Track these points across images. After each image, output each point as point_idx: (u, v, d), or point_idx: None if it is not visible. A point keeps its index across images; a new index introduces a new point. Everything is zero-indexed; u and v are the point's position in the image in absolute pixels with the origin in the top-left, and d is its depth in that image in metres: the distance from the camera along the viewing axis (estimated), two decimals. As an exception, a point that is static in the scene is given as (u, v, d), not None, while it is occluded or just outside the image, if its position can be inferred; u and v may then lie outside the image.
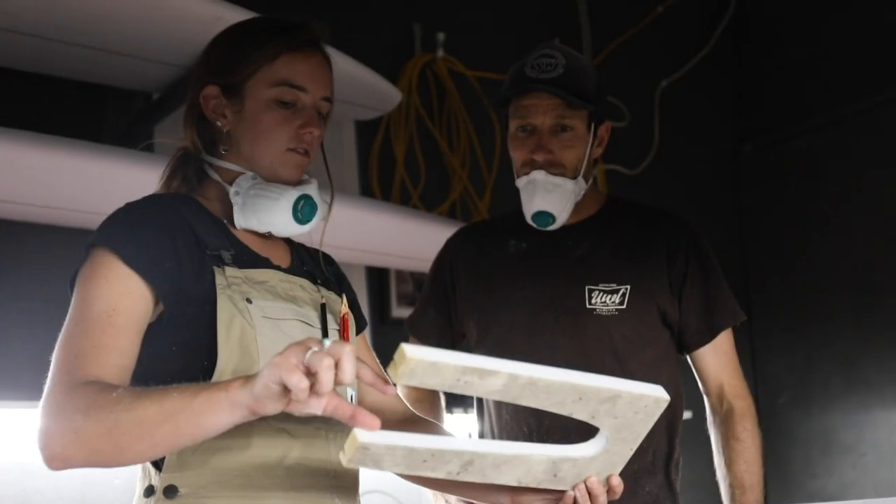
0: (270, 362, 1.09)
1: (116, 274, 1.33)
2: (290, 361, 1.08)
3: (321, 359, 1.07)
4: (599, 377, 1.23)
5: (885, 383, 3.62)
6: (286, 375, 1.07)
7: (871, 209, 3.73)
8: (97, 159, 2.19)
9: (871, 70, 3.76)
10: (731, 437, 2.03)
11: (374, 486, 2.73)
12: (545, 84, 1.96)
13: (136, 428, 1.17)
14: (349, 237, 2.70)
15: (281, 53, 1.46)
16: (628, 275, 1.99)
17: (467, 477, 1.22)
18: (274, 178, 1.47)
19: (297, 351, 1.09)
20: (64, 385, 1.24)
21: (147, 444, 1.18)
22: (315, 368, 1.07)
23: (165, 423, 1.16)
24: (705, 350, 2.05)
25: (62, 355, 1.28)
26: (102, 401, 1.19)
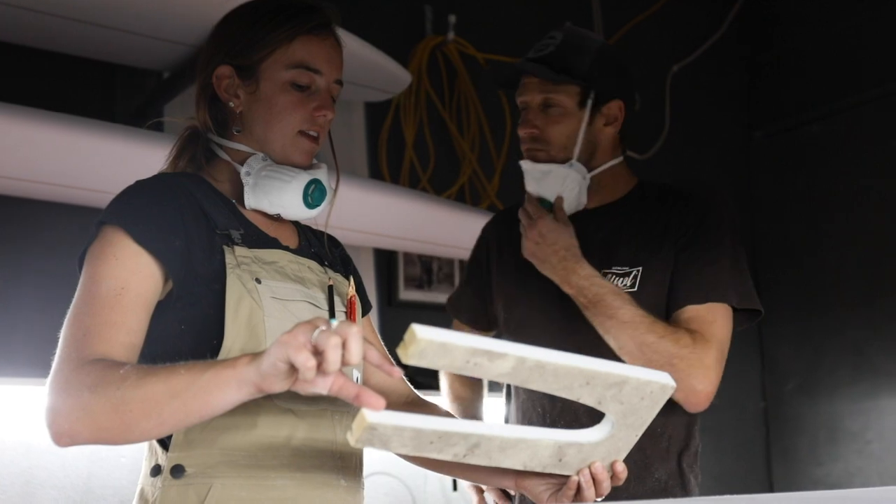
0: (278, 340, 1.10)
1: (126, 252, 1.34)
2: (297, 340, 1.08)
3: (329, 338, 1.07)
4: (607, 362, 1.23)
5: (893, 371, 3.62)
6: (293, 354, 1.08)
7: (882, 198, 3.72)
8: (108, 138, 2.19)
9: (883, 57, 3.74)
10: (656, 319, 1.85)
11: (380, 468, 2.75)
12: (532, 63, 1.96)
13: (144, 405, 1.17)
14: (358, 219, 2.70)
15: (297, 36, 1.46)
16: (641, 257, 1.95)
17: (473, 460, 1.22)
18: (284, 161, 1.48)
19: (305, 330, 1.09)
20: (72, 362, 1.24)
21: (154, 422, 1.19)
22: (322, 347, 1.07)
23: (173, 401, 1.17)
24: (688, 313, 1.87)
25: (70, 332, 1.29)
26: (110, 378, 1.19)
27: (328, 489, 1.39)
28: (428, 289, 3.23)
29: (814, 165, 3.99)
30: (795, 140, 4.07)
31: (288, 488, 1.34)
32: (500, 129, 3.47)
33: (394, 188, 2.92)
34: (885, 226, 3.69)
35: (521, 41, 3.57)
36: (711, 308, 1.86)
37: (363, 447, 1.20)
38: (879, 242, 3.70)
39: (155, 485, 1.33)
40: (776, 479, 3.97)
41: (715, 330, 1.84)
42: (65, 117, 2.13)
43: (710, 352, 1.81)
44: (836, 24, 3.94)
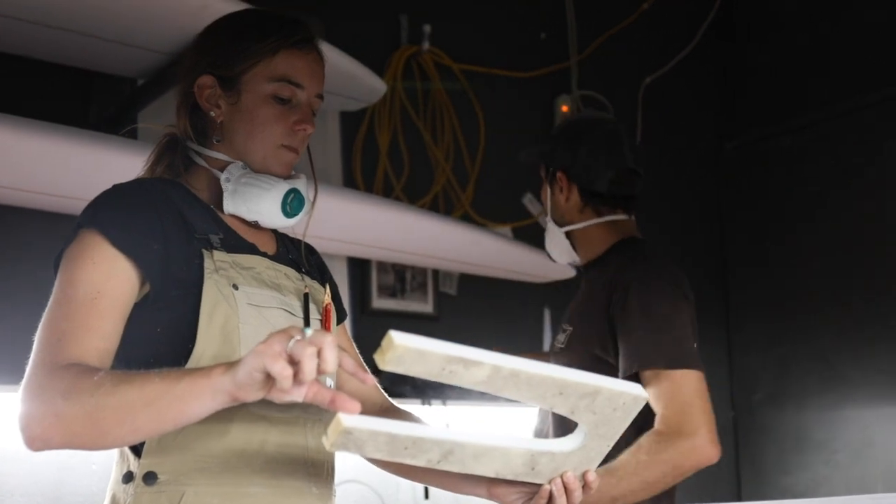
0: (254, 350, 1.10)
1: (103, 255, 1.34)
2: (273, 349, 1.09)
3: (304, 348, 1.08)
4: (581, 372, 1.24)
5: (860, 382, 3.66)
6: (270, 363, 1.08)
7: (849, 209, 3.77)
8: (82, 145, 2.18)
9: (853, 72, 3.79)
10: (632, 449, 1.98)
11: (351, 475, 2.75)
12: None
13: (117, 412, 1.17)
14: (332, 227, 2.70)
15: (281, 49, 1.47)
16: (576, 317, 2.24)
17: (447, 466, 1.23)
18: (264, 172, 1.48)
19: (280, 339, 1.10)
20: (45, 367, 1.24)
21: (128, 429, 1.19)
22: (298, 357, 1.08)
23: (147, 409, 1.17)
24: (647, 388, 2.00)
25: (45, 337, 1.29)
26: (83, 384, 1.19)
27: (300, 497, 1.39)
28: (401, 297, 3.24)
29: (783, 177, 4.04)
30: (766, 152, 4.12)
31: (260, 496, 1.35)
32: (475, 138, 3.49)
33: (368, 196, 2.93)
34: (852, 237, 3.74)
35: (495, 52, 3.61)
36: (656, 375, 2.01)
37: (338, 451, 1.20)
38: (846, 254, 3.75)
39: (127, 491, 1.33)
40: (744, 488, 4.01)
41: (667, 399, 1.98)
42: (38, 124, 2.11)
43: (678, 426, 1.96)
44: (805, 38, 4.00)
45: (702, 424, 1.97)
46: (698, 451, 1.96)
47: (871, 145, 3.71)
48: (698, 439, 1.95)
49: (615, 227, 2.26)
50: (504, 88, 3.60)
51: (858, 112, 3.76)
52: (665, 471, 1.95)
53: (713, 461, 1.99)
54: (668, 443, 1.95)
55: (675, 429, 1.96)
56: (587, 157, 2.24)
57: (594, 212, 2.27)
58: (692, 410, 1.97)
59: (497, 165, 3.54)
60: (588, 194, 2.25)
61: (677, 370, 2.00)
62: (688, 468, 1.97)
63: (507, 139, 3.60)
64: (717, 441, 1.98)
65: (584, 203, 2.26)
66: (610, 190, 2.24)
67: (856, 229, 3.73)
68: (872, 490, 3.51)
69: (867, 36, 3.76)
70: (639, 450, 1.96)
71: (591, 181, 2.23)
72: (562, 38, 3.80)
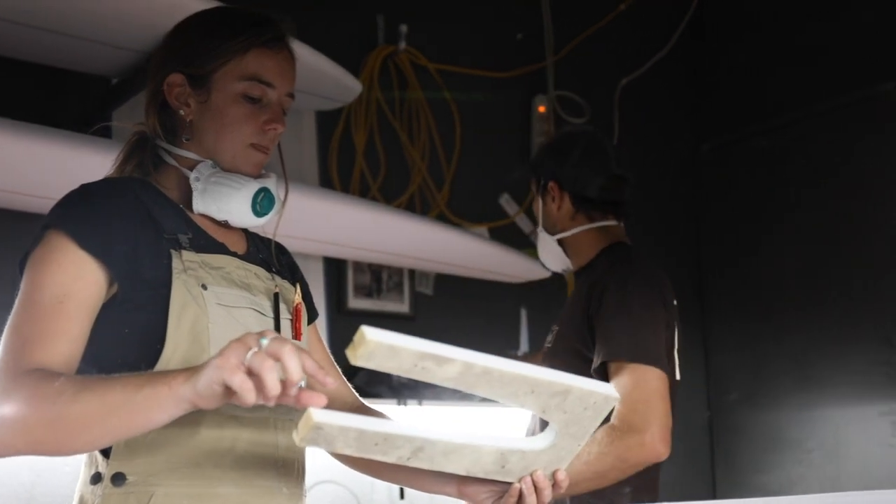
0: (211, 363, 1.10)
1: (70, 258, 1.33)
2: (230, 362, 1.08)
3: (262, 361, 1.08)
4: (553, 371, 1.25)
5: (833, 381, 3.69)
6: (228, 377, 1.08)
7: (822, 211, 3.79)
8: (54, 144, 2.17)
9: (827, 74, 3.82)
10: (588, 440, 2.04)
11: (327, 476, 2.74)
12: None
13: (79, 421, 1.17)
14: (308, 227, 2.70)
15: (251, 48, 1.46)
16: (563, 317, 2.34)
17: (417, 463, 1.24)
18: (234, 171, 1.48)
19: (236, 351, 1.09)
20: (10, 373, 1.24)
21: (90, 437, 1.19)
22: (257, 371, 1.08)
23: (108, 417, 1.16)
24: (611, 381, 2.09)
25: (10, 341, 1.28)
26: (45, 391, 1.19)
27: (270, 497, 1.39)
28: (377, 297, 3.24)
29: (759, 178, 4.06)
30: (741, 153, 4.15)
31: (230, 496, 1.34)
32: (451, 138, 3.49)
33: (344, 196, 2.92)
34: (826, 238, 3.76)
35: (472, 52, 3.61)
36: (628, 372, 2.08)
37: (308, 446, 1.20)
38: (820, 255, 3.78)
39: (95, 492, 1.32)
40: (719, 486, 4.03)
41: (625, 394, 2.03)
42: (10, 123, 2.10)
43: (630, 422, 2.03)
44: (780, 40, 4.02)
45: (653, 422, 2.03)
46: (646, 448, 2.02)
47: (845, 146, 3.74)
48: (647, 436, 2.01)
49: (605, 233, 2.36)
50: (480, 88, 3.60)
51: (832, 113, 3.78)
52: (612, 463, 2.02)
53: (661, 459, 2.05)
54: (616, 437, 2.02)
55: (626, 424, 2.03)
56: (577, 166, 2.36)
57: (586, 217, 2.37)
58: (645, 408, 2.04)
59: (473, 166, 3.54)
60: (580, 201, 2.35)
61: (639, 365, 2.07)
62: (633, 463, 2.03)
63: (484, 140, 3.60)
64: (668, 439, 2.04)
65: (575, 210, 2.36)
66: (600, 195, 2.35)
67: (829, 230, 3.76)
68: (846, 488, 3.54)
69: (841, 38, 3.79)
70: (592, 441, 2.03)
71: (583, 187, 2.34)
72: (538, 38, 3.80)
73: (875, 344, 3.55)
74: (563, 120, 3.81)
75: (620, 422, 2.04)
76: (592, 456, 2.03)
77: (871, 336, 3.57)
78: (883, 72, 3.62)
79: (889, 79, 3.59)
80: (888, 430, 3.50)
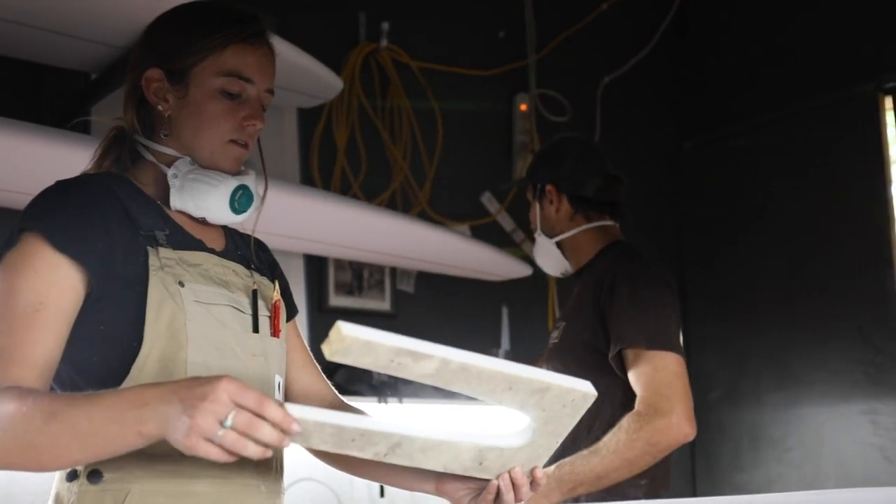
0: (182, 426, 1.10)
1: (46, 262, 1.31)
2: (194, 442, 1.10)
3: (236, 441, 1.10)
4: (531, 369, 1.25)
5: (813, 380, 3.71)
6: (195, 452, 1.11)
7: (801, 210, 3.81)
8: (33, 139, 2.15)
9: (806, 75, 3.84)
10: (613, 430, 2.12)
11: (306, 473, 2.74)
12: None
13: (51, 450, 1.18)
14: (289, 225, 2.69)
15: (230, 43, 1.44)
16: (569, 313, 2.40)
17: (394, 459, 1.23)
18: (212, 167, 1.46)
19: (207, 427, 1.10)
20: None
21: (63, 462, 1.23)
22: (236, 450, 1.10)
23: (80, 447, 1.18)
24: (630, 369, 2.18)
25: None
26: (16, 416, 1.19)
27: (247, 494, 1.38)
28: (359, 295, 3.23)
29: (739, 176, 4.08)
30: (723, 151, 4.16)
31: (207, 494, 1.33)
32: (432, 136, 3.48)
33: (325, 194, 2.92)
34: (806, 237, 3.79)
35: (454, 50, 3.61)
36: (644, 358, 2.15)
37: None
38: (799, 253, 3.80)
39: (71, 490, 1.31)
40: (699, 485, 4.05)
41: (646, 380, 2.13)
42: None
43: (655, 406, 2.09)
44: (760, 41, 4.04)
45: (677, 403, 2.09)
46: (674, 429, 2.08)
47: (824, 146, 3.76)
48: (673, 417, 2.08)
49: (603, 233, 2.43)
50: (462, 87, 3.60)
51: (811, 113, 3.81)
52: (643, 448, 2.08)
53: (689, 439, 2.12)
54: (644, 422, 2.08)
55: (652, 408, 2.09)
56: (573, 168, 2.44)
57: (584, 218, 2.44)
58: (669, 391, 2.11)
59: (455, 164, 3.54)
60: (577, 201, 2.43)
61: (657, 351, 2.14)
62: (664, 446, 2.09)
63: (466, 138, 3.60)
64: (693, 420, 2.12)
65: (574, 210, 2.44)
66: (597, 195, 2.43)
67: (809, 229, 3.78)
68: (825, 487, 3.56)
69: (819, 39, 3.81)
70: (619, 430, 2.10)
71: (580, 188, 2.42)
72: (520, 36, 3.81)
73: (854, 343, 3.58)
74: (545, 118, 3.81)
75: (646, 407, 2.10)
76: (621, 444, 2.08)
77: (850, 335, 3.59)
78: (861, 73, 3.64)
79: (867, 80, 3.61)
80: (868, 428, 3.53)
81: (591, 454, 2.09)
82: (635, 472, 2.11)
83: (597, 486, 2.11)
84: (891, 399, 3.47)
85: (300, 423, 1.12)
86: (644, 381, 2.12)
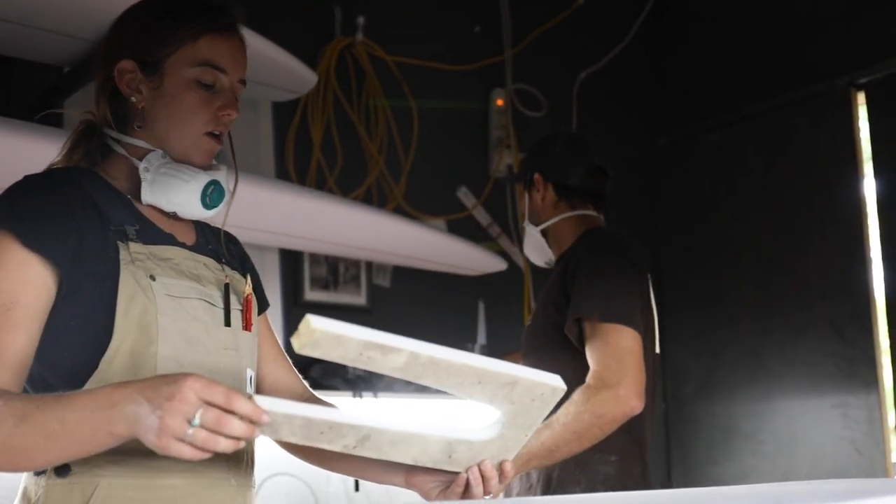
0: (152, 427, 1.11)
1: (15, 261, 1.30)
2: (165, 443, 1.10)
3: (207, 439, 1.10)
4: (500, 363, 1.25)
5: (786, 374, 3.74)
6: (170, 450, 1.11)
7: (774, 204, 3.84)
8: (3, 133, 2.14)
9: (779, 71, 3.87)
10: (565, 403, 2.13)
11: (282, 468, 2.74)
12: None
13: (24, 451, 1.19)
14: (264, 219, 2.69)
15: (203, 34, 1.44)
16: (543, 295, 2.43)
17: (364, 452, 1.24)
18: (184, 160, 1.46)
19: (176, 427, 1.10)
20: None
21: (38, 463, 1.23)
22: (207, 447, 1.11)
23: (53, 448, 1.18)
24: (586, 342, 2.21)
25: None
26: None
27: (218, 488, 1.38)
28: (334, 289, 3.24)
29: (713, 171, 4.11)
30: (697, 147, 4.19)
31: (177, 487, 1.33)
32: (408, 131, 3.49)
33: (300, 188, 2.92)
34: (778, 232, 3.82)
35: (429, 44, 3.61)
36: (598, 329, 2.18)
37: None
38: (773, 247, 3.83)
39: (39, 483, 1.31)
40: (675, 478, 4.07)
41: (599, 353, 2.15)
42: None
43: (603, 378, 2.12)
44: (734, 36, 4.07)
45: (625, 376, 2.10)
46: (620, 401, 2.09)
47: (796, 141, 3.79)
48: (621, 390, 2.09)
49: (584, 221, 2.47)
50: (438, 81, 3.60)
51: (783, 109, 3.83)
52: (590, 421, 2.09)
53: (635, 412, 2.11)
54: (591, 394, 2.10)
55: (601, 381, 2.11)
56: (560, 157, 2.51)
57: (567, 206, 2.49)
58: (618, 364, 2.12)
59: (431, 159, 3.54)
60: (562, 189, 2.48)
61: (611, 324, 2.16)
62: (610, 418, 2.09)
63: (442, 133, 3.61)
64: (641, 394, 2.11)
65: (558, 198, 2.49)
66: (581, 184, 2.48)
67: (781, 223, 3.81)
68: (797, 479, 3.59)
69: (795, 34, 3.84)
70: (569, 403, 2.11)
71: (565, 176, 2.48)
72: (496, 31, 3.81)
73: (827, 335, 3.61)
74: (521, 113, 3.82)
75: (595, 380, 2.12)
76: (570, 417, 2.09)
77: (823, 329, 3.62)
78: (834, 68, 3.67)
79: (840, 75, 3.64)
80: (839, 422, 3.56)
81: (543, 428, 2.10)
82: (585, 446, 2.12)
83: (550, 459, 2.13)
84: (861, 392, 3.50)
85: (269, 416, 1.12)
86: (596, 355, 2.15)
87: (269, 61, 2.55)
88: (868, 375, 3.49)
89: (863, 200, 3.58)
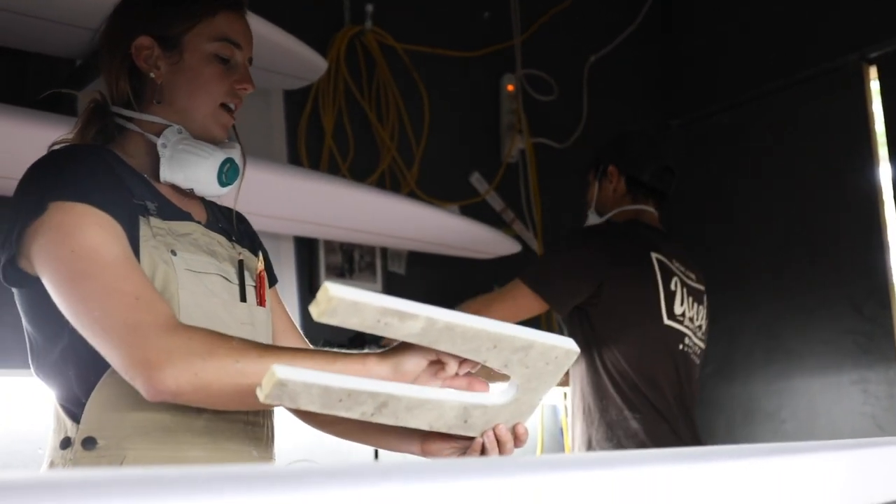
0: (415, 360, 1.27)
1: (100, 220, 1.29)
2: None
3: None
4: (515, 326, 1.26)
5: (805, 352, 3.73)
6: None
7: (788, 183, 3.83)
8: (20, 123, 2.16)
9: (789, 49, 3.86)
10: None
11: (303, 454, 2.75)
12: None
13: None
14: (278, 206, 2.70)
15: (220, 10, 1.49)
16: None
17: (381, 419, 1.25)
18: (202, 134, 1.48)
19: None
20: (156, 327, 1.23)
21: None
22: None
23: None
24: None
25: (113, 303, 1.24)
26: (221, 349, 1.22)
27: (240, 460, 1.40)
28: (349, 277, 3.25)
29: (726, 153, 4.10)
30: (709, 128, 4.18)
31: (200, 459, 1.35)
32: (419, 117, 3.50)
33: (314, 174, 2.93)
34: (792, 211, 3.81)
35: (439, 31, 3.62)
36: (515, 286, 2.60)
37: (272, 403, 1.21)
38: (787, 228, 3.82)
39: (66, 457, 1.32)
40: (695, 459, 4.07)
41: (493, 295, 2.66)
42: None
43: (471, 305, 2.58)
44: (745, 16, 4.05)
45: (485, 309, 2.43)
46: None
47: (809, 119, 3.78)
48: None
49: (636, 214, 2.71)
50: (448, 68, 3.61)
51: (795, 87, 3.82)
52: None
53: None
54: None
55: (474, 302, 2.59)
56: (635, 153, 2.75)
57: (631, 199, 2.74)
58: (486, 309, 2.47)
59: (443, 145, 3.55)
60: (633, 183, 2.73)
61: (523, 284, 2.53)
62: None
63: (453, 119, 3.61)
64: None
65: (627, 191, 2.74)
66: (651, 181, 2.72)
67: (796, 201, 3.80)
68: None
69: (802, 11, 3.83)
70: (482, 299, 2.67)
71: (639, 171, 2.72)
72: (505, 17, 3.82)
73: (845, 313, 3.60)
74: (531, 98, 3.82)
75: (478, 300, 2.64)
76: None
77: (840, 305, 3.61)
78: (845, 44, 3.65)
79: (851, 50, 3.63)
80: (859, 398, 3.55)
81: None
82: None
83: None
84: (881, 368, 3.50)
85: (288, 384, 1.13)
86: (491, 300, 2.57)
87: (280, 48, 2.56)
88: (888, 351, 3.48)
89: (877, 175, 3.57)
